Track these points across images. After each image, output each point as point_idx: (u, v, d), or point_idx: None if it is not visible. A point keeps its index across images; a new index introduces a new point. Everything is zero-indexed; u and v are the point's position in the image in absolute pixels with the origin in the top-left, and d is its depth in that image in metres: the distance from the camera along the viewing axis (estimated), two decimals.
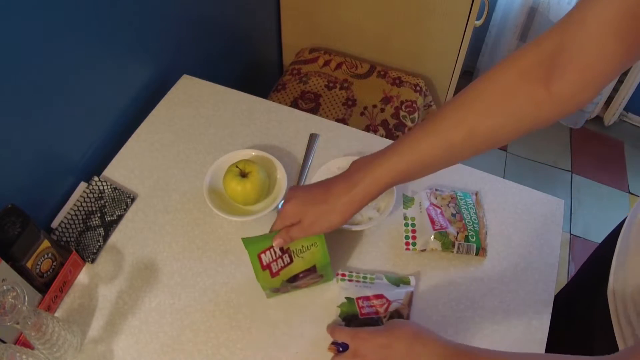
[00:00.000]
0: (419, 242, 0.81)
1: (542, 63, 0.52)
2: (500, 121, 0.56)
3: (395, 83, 1.46)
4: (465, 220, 0.82)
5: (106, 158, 0.93)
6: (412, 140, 0.59)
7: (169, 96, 1.03)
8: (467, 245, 0.80)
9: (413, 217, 0.84)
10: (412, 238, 0.82)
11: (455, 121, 0.57)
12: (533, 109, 0.54)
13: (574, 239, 1.84)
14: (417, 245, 0.81)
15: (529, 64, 0.53)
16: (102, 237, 0.83)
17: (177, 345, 0.72)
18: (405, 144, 0.60)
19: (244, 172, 0.82)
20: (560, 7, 1.81)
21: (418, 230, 0.83)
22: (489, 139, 0.57)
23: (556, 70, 0.52)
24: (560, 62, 0.51)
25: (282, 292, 0.76)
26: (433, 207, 0.83)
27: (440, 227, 0.80)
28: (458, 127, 0.57)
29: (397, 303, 0.72)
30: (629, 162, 2.08)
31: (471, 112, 0.56)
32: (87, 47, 0.85)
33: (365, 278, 0.77)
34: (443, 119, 0.58)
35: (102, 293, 0.77)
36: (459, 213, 0.83)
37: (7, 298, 0.57)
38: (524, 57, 0.54)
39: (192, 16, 1.14)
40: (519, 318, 0.76)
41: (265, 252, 0.69)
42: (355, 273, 0.78)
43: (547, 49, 0.52)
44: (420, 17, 1.41)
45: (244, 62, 1.47)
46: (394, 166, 0.60)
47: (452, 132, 0.57)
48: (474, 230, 0.81)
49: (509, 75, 0.55)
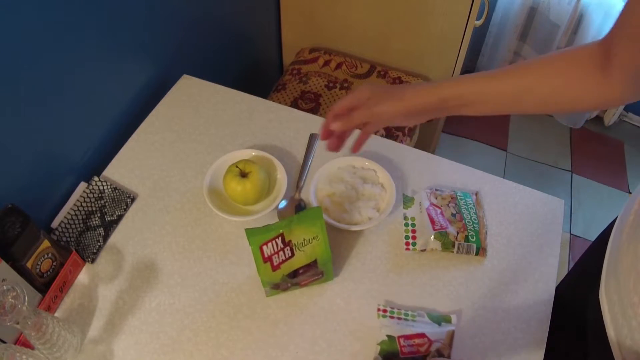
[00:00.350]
0: (419, 242, 0.81)
1: (600, 52, 0.57)
2: (557, 87, 0.61)
3: (395, 83, 1.46)
4: (465, 220, 0.82)
5: (106, 158, 0.93)
6: (473, 76, 0.65)
7: (169, 96, 1.03)
8: (467, 245, 0.80)
9: (413, 217, 0.84)
10: (412, 238, 0.82)
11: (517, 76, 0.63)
12: (587, 83, 0.59)
13: (574, 239, 1.84)
14: (417, 245, 0.81)
15: (588, 50, 0.59)
16: (102, 237, 0.83)
17: (177, 345, 0.73)
18: (466, 77, 0.66)
19: (244, 172, 0.82)
20: (561, 7, 1.81)
21: (418, 230, 0.83)
22: (541, 101, 0.63)
23: (613, 63, 0.56)
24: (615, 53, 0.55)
25: (282, 288, 0.76)
26: (433, 207, 0.83)
27: (440, 227, 0.80)
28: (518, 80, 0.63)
29: (438, 343, 0.70)
30: (629, 162, 2.08)
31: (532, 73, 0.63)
32: (87, 47, 0.85)
33: (407, 315, 0.75)
34: (507, 70, 0.64)
35: (102, 293, 0.77)
36: (459, 213, 0.83)
37: (7, 298, 0.57)
38: (586, 47, 0.60)
39: (192, 16, 1.14)
40: (519, 318, 0.76)
41: (267, 244, 0.69)
42: (397, 310, 0.75)
43: (606, 45, 0.57)
44: (420, 17, 1.41)
45: (244, 62, 1.47)
46: (455, 86, 0.66)
47: (512, 81, 0.63)
48: (474, 230, 0.81)
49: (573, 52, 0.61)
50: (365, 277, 0.80)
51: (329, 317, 0.76)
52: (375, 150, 0.96)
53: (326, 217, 0.82)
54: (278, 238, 0.69)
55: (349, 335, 0.74)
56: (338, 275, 0.80)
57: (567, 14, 1.81)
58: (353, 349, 0.73)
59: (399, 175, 0.92)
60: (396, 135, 1.35)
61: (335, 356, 0.72)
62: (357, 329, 0.75)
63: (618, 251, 0.65)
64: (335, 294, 0.78)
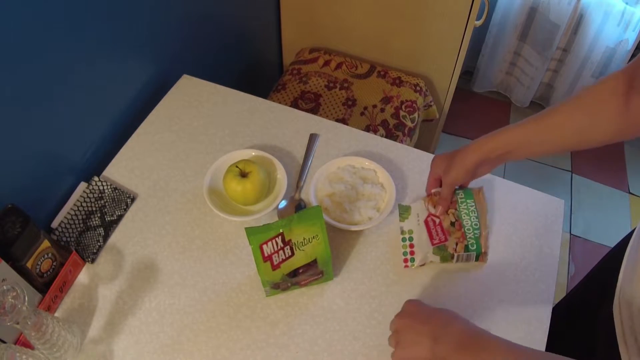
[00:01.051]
0: (417, 258, 0.80)
1: (624, 79, 0.62)
2: (585, 123, 0.66)
3: (395, 83, 1.46)
4: (464, 228, 0.80)
5: (106, 158, 0.93)
6: (510, 127, 0.71)
7: (169, 96, 1.03)
8: (467, 255, 0.79)
9: (411, 231, 0.81)
10: (410, 254, 0.80)
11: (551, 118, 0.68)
12: (609, 118, 0.63)
13: (574, 239, 1.84)
14: (416, 262, 0.80)
15: (614, 79, 0.63)
16: (102, 237, 0.83)
17: (177, 345, 0.73)
18: (505, 128, 0.72)
19: (244, 172, 0.82)
20: (561, 7, 1.80)
21: (416, 245, 0.80)
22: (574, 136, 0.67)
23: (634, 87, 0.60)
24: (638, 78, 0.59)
25: (282, 288, 0.76)
26: (431, 219, 0.81)
27: (438, 241, 0.79)
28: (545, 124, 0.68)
29: None
30: (629, 162, 2.08)
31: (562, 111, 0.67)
32: (87, 47, 0.85)
33: None
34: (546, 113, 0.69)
35: (102, 293, 0.77)
36: (459, 220, 0.80)
37: (7, 298, 0.57)
38: (612, 76, 0.64)
39: (192, 16, 1.14)
40: (519, 318, 0.76)
41: (267, 243, 0.69)
42: None
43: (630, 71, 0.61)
44: (420, 17, 1.41)
45: (244, 62, 1.47)
46: (493, 139, 0.72)
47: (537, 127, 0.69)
48: (474, 238, 0.79)
49: (597, 87, 0.65)
50: (365, 277, 0.80)
51: (329, 317, 0.76)
52: (375, 150, 0.96)
53: (326, 217, 0.82)
54: (278, 237, 0.69)
55: (349, 335, 0.74)
56: (338, 275, 0.80)
57: (567, 14, 1.81)
58: (353, 349, 0.73)
59: (399, 175, 0.92)
60: (396, 135, 1.35)
61: (335, 356, 0.72)
62: (357, 329, 0.75)
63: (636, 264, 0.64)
64: (335, 294, 0.78)
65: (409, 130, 1.39)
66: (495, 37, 2.03)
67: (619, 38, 1.80)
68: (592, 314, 0.75)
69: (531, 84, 2.08)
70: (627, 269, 0.68)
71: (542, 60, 1.98)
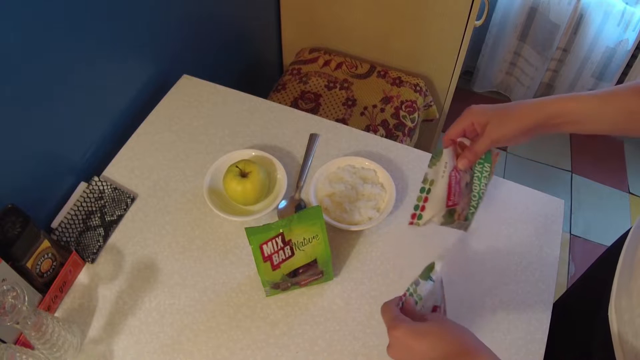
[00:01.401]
0: (425, 216, 0.72)
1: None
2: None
3: (395, 83, 1.46)
4: (473, 192, 0.73)
5: (106, 158, 0.93)
6: (580, 95, 0.65)
7: (169, 96, 1.03)
8: (461, 224, 0.74)
9: (433, 181, 0.71)
10: (420, 209, 0.72)
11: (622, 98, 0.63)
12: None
13: (574, 239, 1.84)
14: (423, 219, 0.72)
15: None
16: (102, 237, 0.83)
17: (177, 345, 0.73)
18: (573, 95, 0.65)
19: (244, 172, 0.82)
20: (561, 7, 1.81)
21: (430, 200, 0.71)
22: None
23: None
24: None
25: (282, 288, 0.76)
26: (455, 173, 0.71)
27: (452, 204, 0.72)
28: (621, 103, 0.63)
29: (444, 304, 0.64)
30: (629, 162, 2.08)
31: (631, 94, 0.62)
32: (87, 47, 0.85)
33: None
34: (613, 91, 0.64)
35: (102, 293, 0.77)
36: (471, 183, 0.73)
37: (7, 298, 0.57)
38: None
39: (192, 16, 1.14)
40: (519, 318, 0.76)
41: (267, 243, 0.69)
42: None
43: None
44: (420, 17, 1.41)
45: (244, 62, 1.47)
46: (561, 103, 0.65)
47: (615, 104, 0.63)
48: (475, 207, 0.74)
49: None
50: (365, 277, 0.80)
51: (329, 317, 0.76)
52: (375, 150, 0.96)
53: (326, 217, 0.82)
54: (278, 237, 0.69)
55: (349, 335, 0.74)
56: (338, 275, 0.80)
57: (567, 14, 1.81)
58: (353, 349, 0.73)
59: (399, 175, 0.92)
60: (396, 135, 1.35)
61: (335, 356, 0.72)
62: (357, 329, 0.75)
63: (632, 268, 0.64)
64: (335, 294, 0.78)
65: (409, 130, 1.39)
66: (495, 37, 2.03)
67: (619, 38, 1.80)
68: (589, 313, 0.75)
69: (531, 84, 2.08)
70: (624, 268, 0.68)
71: (542, 60, 1.98)
